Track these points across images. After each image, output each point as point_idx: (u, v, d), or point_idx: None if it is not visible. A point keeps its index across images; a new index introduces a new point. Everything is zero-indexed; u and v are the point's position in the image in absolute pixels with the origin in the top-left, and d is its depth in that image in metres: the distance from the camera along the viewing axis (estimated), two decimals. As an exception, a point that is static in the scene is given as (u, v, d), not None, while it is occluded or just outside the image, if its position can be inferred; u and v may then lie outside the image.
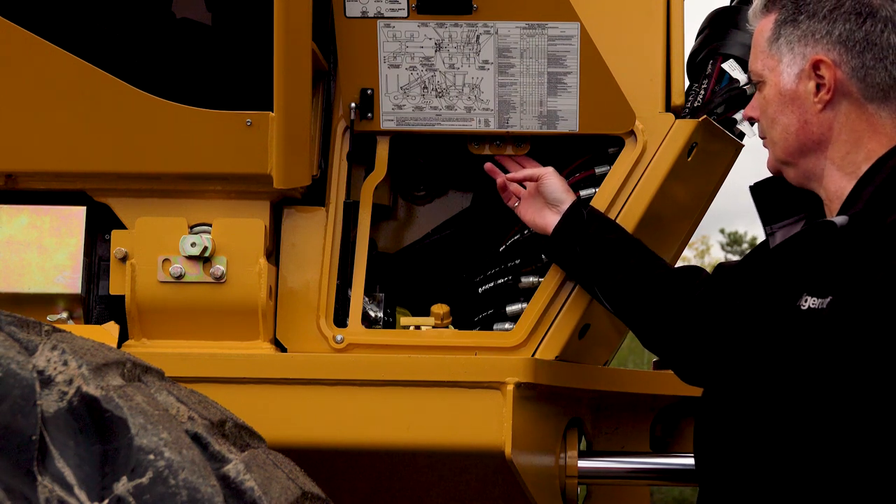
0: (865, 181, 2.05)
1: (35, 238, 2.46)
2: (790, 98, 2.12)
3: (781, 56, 2.12)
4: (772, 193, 2.24)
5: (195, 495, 1.44)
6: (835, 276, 1.97)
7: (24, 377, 1.47)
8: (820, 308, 1.96)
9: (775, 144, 2.16)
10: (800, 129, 2.11)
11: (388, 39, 2.48)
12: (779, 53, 2.13)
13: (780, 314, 2.03)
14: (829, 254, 1.99)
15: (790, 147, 2.14)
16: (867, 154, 2.07)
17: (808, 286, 2.00)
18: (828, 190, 2.12)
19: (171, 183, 2.45)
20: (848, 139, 2.09)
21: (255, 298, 2.42)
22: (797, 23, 2.11)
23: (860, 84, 2.07)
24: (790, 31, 2.11)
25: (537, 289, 2.52)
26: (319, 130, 2.57)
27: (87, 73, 2.36)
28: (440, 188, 2.78)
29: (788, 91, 2.12)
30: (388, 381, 2.34)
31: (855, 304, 1.91)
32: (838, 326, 1.92)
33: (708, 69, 2.63)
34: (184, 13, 2.55)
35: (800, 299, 2.00)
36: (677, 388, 2.70)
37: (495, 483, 2.44)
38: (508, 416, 2.30)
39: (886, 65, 2.06)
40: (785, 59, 2.12)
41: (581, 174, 2.59)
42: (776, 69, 2.13)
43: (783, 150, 2.15)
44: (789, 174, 2.17)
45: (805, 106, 2.11)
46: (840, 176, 2.09)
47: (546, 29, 2.46)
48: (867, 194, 2.02)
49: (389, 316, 2.61)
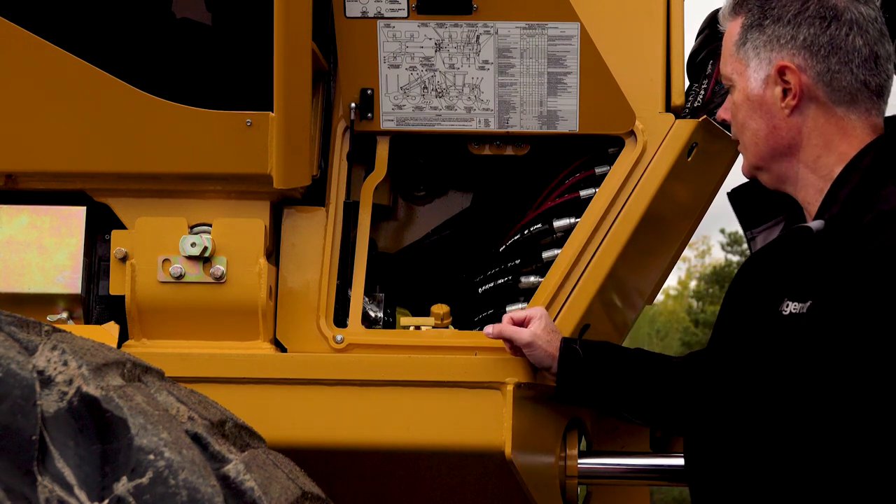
0: (840, 183, 2.04)
1: (35, 238, 2.46)
2: (758, 103, 2.11)
3: (748, 61, 2.11)
4: (750, 198, 2.24)
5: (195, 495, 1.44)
6: (814, 281, 1.96)
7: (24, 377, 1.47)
8: (801, 313, 1.95)
9: (747, 149, 2.16)
10: (769, 134, 2.10)
11: (388, 39, 2.48)
12: (746, 58, 2.11)
13: (763, 320, 2.03)
14: (806, 259, 1.98)
15: (761, 152, 2.13)
16: (839, 156, 2.06)
17: (788, 291, 2.00)
18: (803, 193, 2.11)
19: (171, 183, 2.45)
20: (818, 143, 2.07)
21: (255, 298, 2.42)
22: (763, 27, 2.09)
23: (826, 88, 2.05)
24: (756, 36, 2.10)
25: (537, 289, 2.52)
26: (319, 130, 2.57)
27: (87, 73, 2.37)
28: (440, 188, 2.79)
29: (756, 96, 2.11)
30: (387, 382, 2.35)
31: (835, 308, 1.91)
32: (819, 330, 1.92)
33: (708, 69, 2.63)
34: (184, 13, 2.55)
35: (781, 304, 1.99)
36: (677, 388, 2.69)
37: (495, 483, 2.44)
38: (508, 416, 2.30)
39: (852, 68, 2.05)
40: (752, 63, 2.10)
41: (581, 174, 2.59)
42: (744, 74, 2.12)
43: (754, 155, 2.14)
44: (763, 178, 2.16)
45: (773, 111, 2.09)
46: (814, 179, 2.08)
47: (546, 29, 2.46)
48: (843, 196, 2.01)
49: (389, 316, 2.61)
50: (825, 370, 1.91)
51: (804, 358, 1.94)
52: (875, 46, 2.06)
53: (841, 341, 1.89)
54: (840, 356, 1.89)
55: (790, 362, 1.96)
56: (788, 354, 1.97)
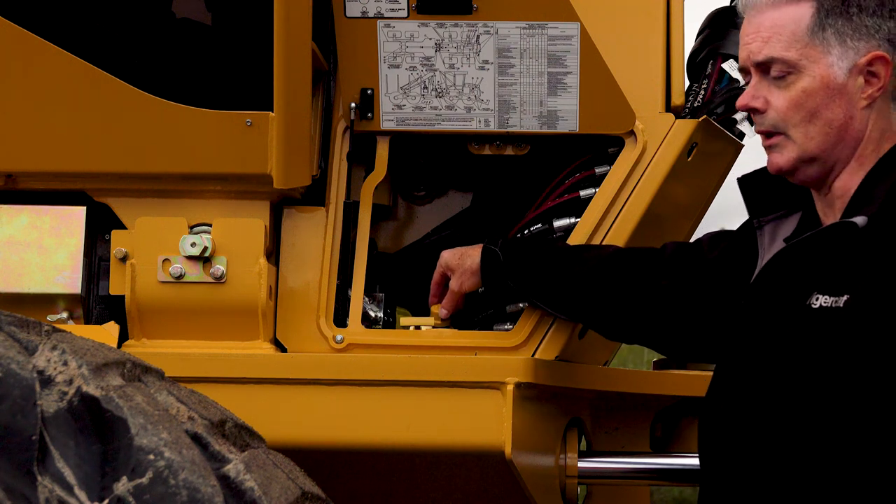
0: (874, 178, 2.03)
1: (35, 238, 2.46)
2: (839, 92, 2.05)
3: (829, 48, 2.05)
4: (760, 186, 2.22)
5: (195, 495, 1.44)
6: (851, 276, 1.95)
7: (24, 377, 1.47)
8: (834, 307, 1.94)
9: (811, 139, 2.07)
10: (844, 123, 2.06)
11: (388, 39, 2.48)
12: (825, 45, 2.05)
13: (790, 313, 2.02)
14: (846, 253, 1.97)
15: (829, 141, 2.06)
16: (881, 153, 2.06)
17: (818, 285, 1.98)
18: (835, 187, 2.09)
19: (171, 183, 2.45)
20: (875, 137, 2.07)
21: (255, 298, 2.42)
22: (849, 15, 2.05)
23: None
24: (841, 23, 2.05)
25: (537, 289, 2.52)
26: (319, 130, 2.57)
27: (87, 73, 2.37)
28: (440, 188, 2.79)
29: (839, 84, 2.05)
30: (387, 381, 2.34)
31: (876, 303, 1.91)
32: (858, 325, 1.92)
33: (708, 69, 2.63)
34: (184, 13, 2.55)
35: (810, 298, 1.98)
36: (677, 388, 2.70)
37: (495, 483, 2.44)
38: (508, 416, 2.30)
39: None
40: (835, 51, 2.05)
41: (581, 174, 2.59)
42: (822, 60, 2.05)
43: (820, 145, 2.07)
44: (808, 171, 2.09)
45: (853, 101, 2.05)
46: (850, 174, 2.07)
47: (546, 29, 2.46)
48: (881, 192, 1.99)
49: (389, 316, 2.61)
50: (863, 363, 1.91)
51: (839, 351, 1.93)
52: None
53: (881, 337, 1.89)
54: (881, 349, 1.89)
55: (822, 355, 1.95)
56: (819, 347, 1.96)
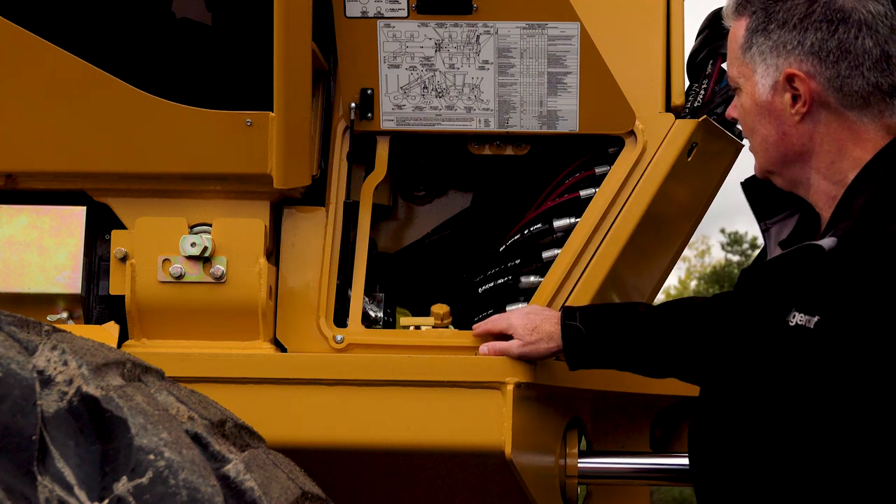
0: (853, 192, 2.00)
1: (35, 238, 2.46)
2: (766, 109, 2.07)
3: (755, 66, 2.06)
4: (764, 189, 2.21)
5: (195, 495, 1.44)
6: (823, 297, 1.93)
7: (24, 377, 1.47)
8: (807, 327, 1.93)
9: (757, 154, 2.13)
10: (779, 140, 2.07)
11: (388, 39, 2.48)
12: (752, 63, 2.06)
13: (770, 328, 2.01)
14: (816, 274, 1.95)
15: (772, 158, 2.09)
16: (853, 162, 2.03)
17: (796, 302, 1.97)
18: (815, 198, 2.09)
19: (171, 183, 2.45)
20: (831, 148, 2.04)
21: (255, 298, 2.42)
22: (768, 32, 2.04)
23: (837, 94, 2.01)
24: (762, 41, 2.05)
25: (537, 289, 2.52)
26: (319, 130, 2.57)
27: (87, 73, 2.37)
28: (440, 188, 2.79)
29: (764, 102, 2.06)
30: (387, 381, 2.34)
31: (844, 326, 1.88)
32: (826, 346, 1.90)
33: (708, 69, 2.63)
34: (184, 13, 2.55)
35: (788, 315, 1.97)
36: (677, 389, 2.70)
37: (495, 483, 2.44)
38: (508, 416, 2.30)
39: (863, 71, 2.00)
40: (758, 69, 2.06)
41: (581, 174, 2.59)
42: (751, 79, 2.08)
43: (765, 160, 2.11)
44: (776, 181, 2.14)
45: (782, 118, 2.05)
46: (827, 185, 2.05)
47: (546, 29, 2.46)
48: (857, 206, 1.97)
49: (389, 316, 2.61)
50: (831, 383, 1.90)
51: (809, 370, 1.92)
52: (886, 45, 2.01)
53: (849, 360, 1.88)
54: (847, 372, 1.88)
55: (795, 372, 1.95)
56: (793, 364, 1.95)
